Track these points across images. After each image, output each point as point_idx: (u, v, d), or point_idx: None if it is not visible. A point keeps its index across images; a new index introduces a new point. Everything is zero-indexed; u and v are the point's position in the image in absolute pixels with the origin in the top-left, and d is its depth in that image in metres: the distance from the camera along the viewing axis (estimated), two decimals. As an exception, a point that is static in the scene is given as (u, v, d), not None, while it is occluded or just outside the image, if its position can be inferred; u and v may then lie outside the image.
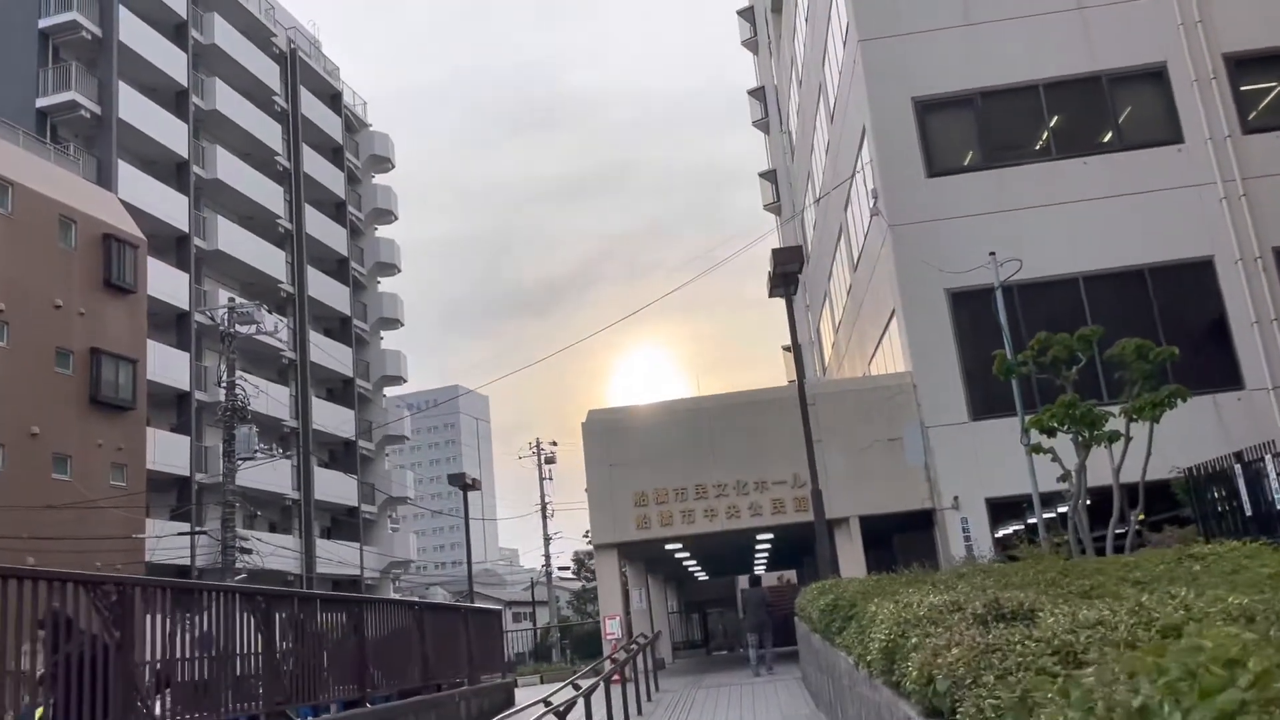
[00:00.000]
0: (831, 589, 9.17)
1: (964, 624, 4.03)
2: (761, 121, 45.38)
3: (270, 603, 7.57)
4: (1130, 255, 19.10)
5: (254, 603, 7.36)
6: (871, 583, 8.82)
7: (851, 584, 8.89)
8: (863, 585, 8.68)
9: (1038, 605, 3.95)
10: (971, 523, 18.54)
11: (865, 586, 8.55)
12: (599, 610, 19.85)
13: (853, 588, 8.49)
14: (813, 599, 9.85)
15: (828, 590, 9.26)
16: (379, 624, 9.98)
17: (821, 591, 9.41)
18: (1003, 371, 13.78)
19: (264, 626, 7.46)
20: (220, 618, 6.76)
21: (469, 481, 24.34)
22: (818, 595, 9.48)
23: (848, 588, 8.59)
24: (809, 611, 9.83)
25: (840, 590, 8.48)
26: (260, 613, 7.44)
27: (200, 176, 39.59)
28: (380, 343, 51.92)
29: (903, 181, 19.87)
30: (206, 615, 6.65)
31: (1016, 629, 3.62)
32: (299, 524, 42.27)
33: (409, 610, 10.62)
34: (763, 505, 19.11)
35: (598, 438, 19.76)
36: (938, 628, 4.25)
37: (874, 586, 8.58)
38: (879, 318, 22.01)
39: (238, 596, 7.16)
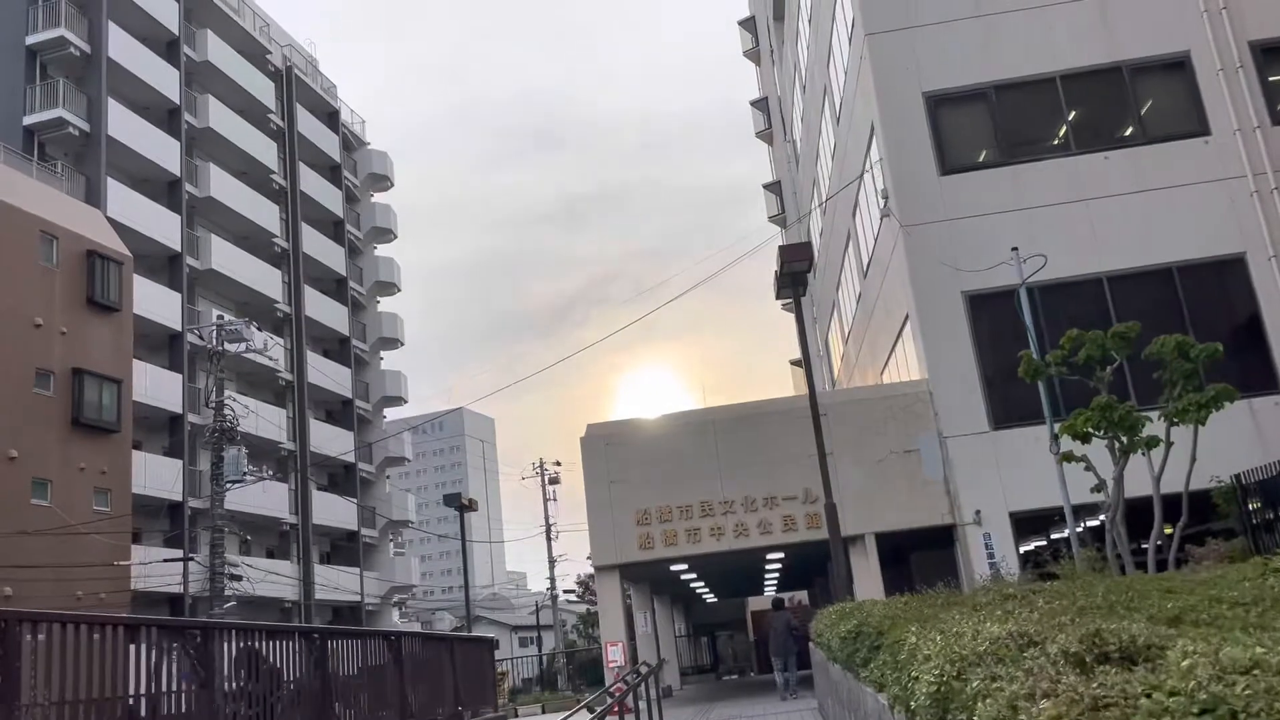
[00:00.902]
0: (853, 613, 8.12)
1: (1050, 665, 3.02)
2: (765, 133, 44.54)
3: (209, 636, 6.54)
4: (1157, 253, 18.08)
5: (185, 637, 6.35)
6: (898, 605, 7.76)
7: (876, 607, 7.84)
8: (888, 608, 7.64)
9: (1156, 640, 2.91)
10: (995, 539, 17.45)
11: (892, 610, 7.51)
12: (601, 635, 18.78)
13: (878, 611, 7.45)
14: (831, 624, 8.79)
15: (849, 614, 8.21)
16: (348, 657, 8.95)
17: (842, 616, 8.35)
18: (1030, 373, 12.77)
19: (200, 664, 6.44)
20: (136, 655, 5.76)
21: (466, 503, 23.30)
22: (837, 620, 8.43)
23: (872, 611, 7.54)
24: (827, 638, 8.78)
25: (864, 614, 7.42)
26: (195, 648, 6.43)
27: (193, 195, 38.82)
28: (380, 363, 51.02)
29: (914, 180, 18.91)
30: (114, 650, 5.63)
31: (1134, 674, 2.60)
32: (297, 549, 41.22)
33: (384, 641, 9.60)
34: (773, 523, 18.04)
35: (598, 453, 18.73)
36: (1012, 669, 3.23)
37: (901, 610, 7.54)
38: (891, 325, 21.00)
39: (153, 630, 6.13)
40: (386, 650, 9.58)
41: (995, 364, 18.10)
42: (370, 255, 51.90)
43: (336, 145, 50.03)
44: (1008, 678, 3.12)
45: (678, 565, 20.38)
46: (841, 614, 8.45)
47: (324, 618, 44.42)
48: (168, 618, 8.46)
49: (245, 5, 44.77)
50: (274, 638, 7.79)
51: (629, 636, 26.40)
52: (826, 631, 9.18)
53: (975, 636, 3.99)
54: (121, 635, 6.02)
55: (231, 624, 7.87)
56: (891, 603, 8.16)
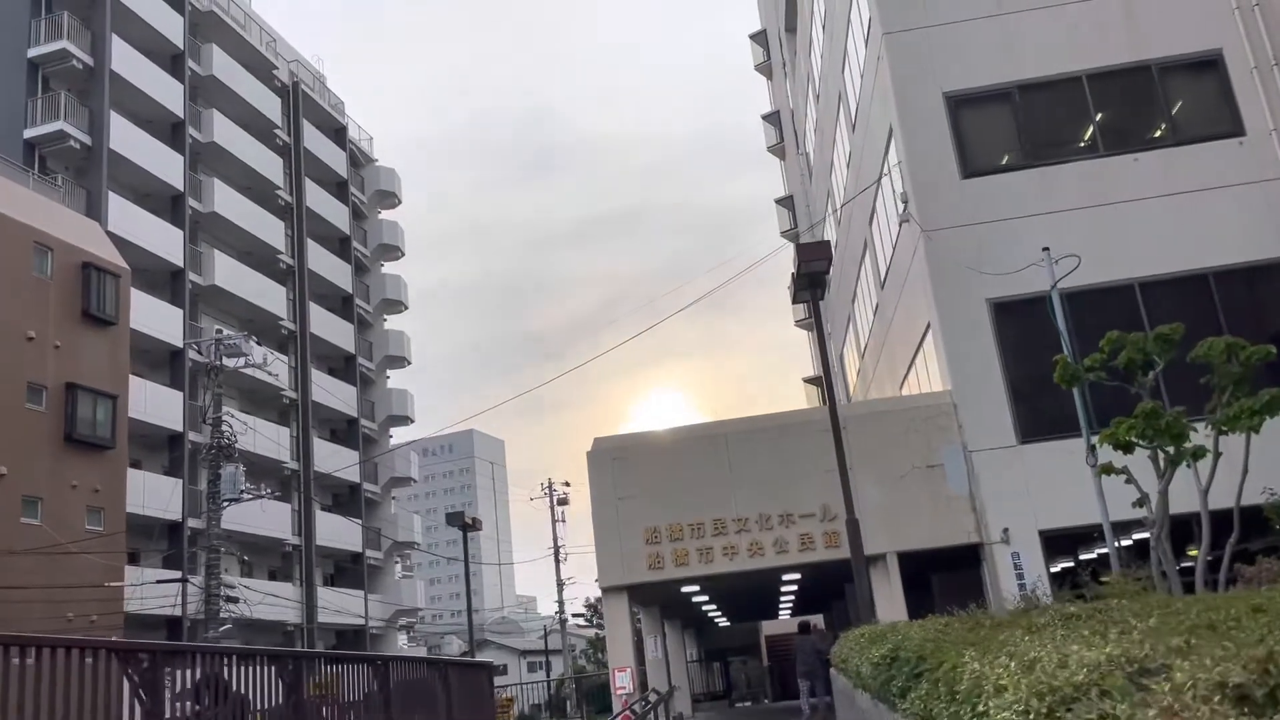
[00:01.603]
0: (886, 636, 7.25)
1: (1197, 701, 2.21)
2: (777, 147, 43.90)
3: (157, 662, 5.74)
4: (1191, 258, 17.24)
5: (130, 661, 5.54)
6: (936, 627, 6.90)
7: (912, 629, 6.98)
8: (925, 630, 6.78)
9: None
10: (1024, 558, 16.53)
11: (929, 632, 6.65)
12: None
13: (915, 634, 6.59)
14: (859, 649, 7.92)
15: (880, 638, 7.35)
16: (327, 684, 8.13)
17: (873, 639, 7.48)
18: (1065, 379, 11.91)
19: (146, 692, 5.63)
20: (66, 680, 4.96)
21: (469, 522, 22.47)
22: (868, 644, 7.56)
23: (908, 634, 6.68)
24: (855, 664, 7.91)
25: (900, 638, 6.57)
26: (141, 674, 5.62)
27: (196, 210, 38.30)
28: (386, 382, 50.33)
29: (935, 183, 18.13)
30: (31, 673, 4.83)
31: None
32: (300, 571, 40.39)
33: (368, 666, 8.78)
34: (789, 541, 17.16)
35: (605, 469, 17.90)
36: (1134, 708, 2.42)
37: (941, 631, 6.68)
38: (911, 335, 20.16)
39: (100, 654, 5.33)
40: (371, 676, 8.75)
41: (1022, 374, 17.25)
42: (377, 272, 51.33)
43: (344, 161, 49.57)
44: None
45: (689, 586, 19.49)
46: (873, 637, 7.59)
47: (327, 641, 43.53)
48: (112, 639, 7.77)
49: (252, 20, 44.45)
50: (242, 662, 6.99)
51: (638, 662, 25.46)
52: (854, 656, 8.31)
53: (1065, 663, 3.16)
54: (55, 658, 5.24)
55: (188, 647, 7.07)
56: (927, 624, 7.30)
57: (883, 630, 7.81)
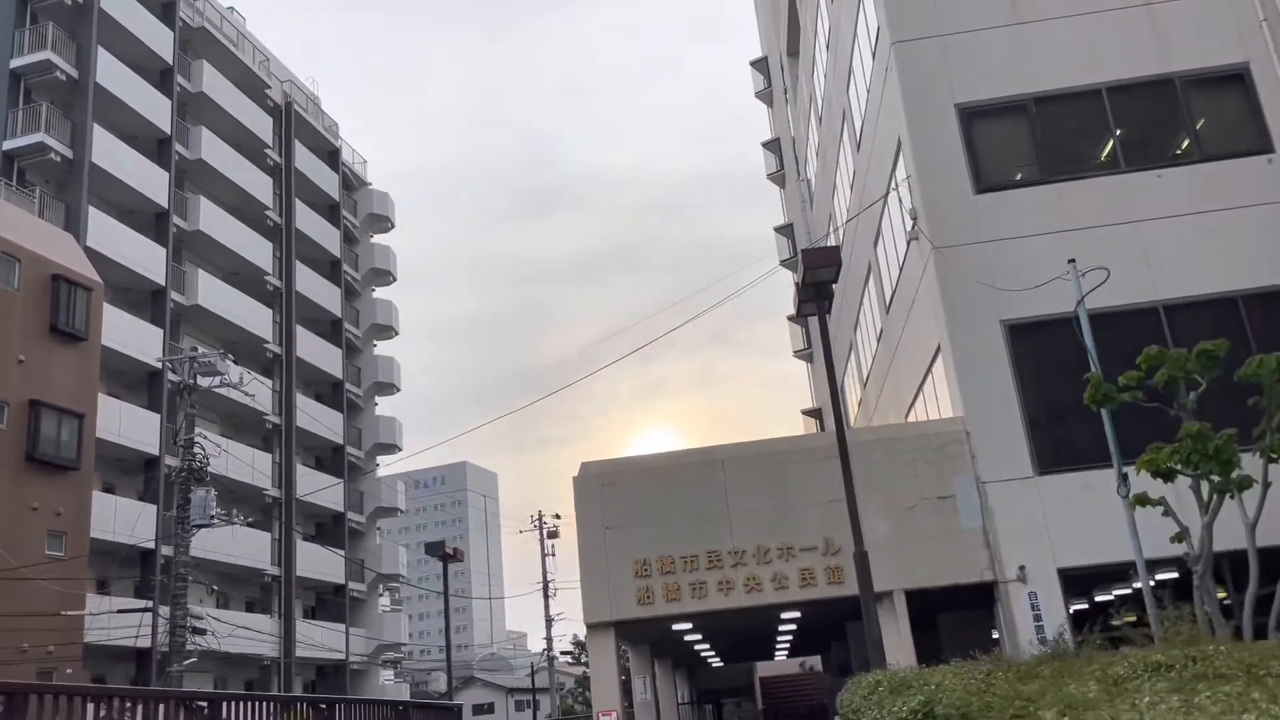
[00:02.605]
0: (912, 686, 6.10)
1: None
2: (777, 175, 43.11)
3: (15, 703, 4.59)
4: (1219, 281, 16.22)
5: None
6: (976, 677, 5.75)
7: (945, 678, 5.82)
8: (963, 679, 5.63)
9: None
10: (1041, 598, 15.35)
11: (969, 682, 5.51)
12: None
13: (953, 684, 5.45)
14: (877, 700, 6.74)
15: (904, 688, 6.19)
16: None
17: (894, 689, 6.31)
18: (1097, 399, 10.85)
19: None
20: None
21: (450, 552, 21.25)
22: (888, 695, 6.39)
23: (942, 684, 5.53)
24: (872, 718, 6.72)
25: (933, 689, 5.42)
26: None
27: (181, 228, 37.32)
28: (375, 409, 49.13)
29: (947, 198, 17.15)
30: None
31: None
32: (278, 603, 38.97)
33: (308, 709, 7.60)
34: (789, 576, 15.96)
35: (593, 495, 16.74)
36: None
37: (984, 682, 5.54)
38: (919, 361, 19.10)
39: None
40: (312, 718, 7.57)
41: (1039, 401, 16.17)
42: (368, 297, 50.30)
43: (336, 184, 48.71)
44: None
45: (680, 624, 18.24)
46: (894, 686, 6.42)
47: (306, 677, 42.00)
48: (25, 682, 6.98)
49: (245, 39, 43.75)
50: (141, 704, 5.83)
51: (627, 703, 24.11)
52: (869, 709, 7.13)
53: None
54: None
55: (62, 688, 5.90)
56: (962, 673, 6.14)
57: (905, 678, 6.65)
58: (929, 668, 7.29)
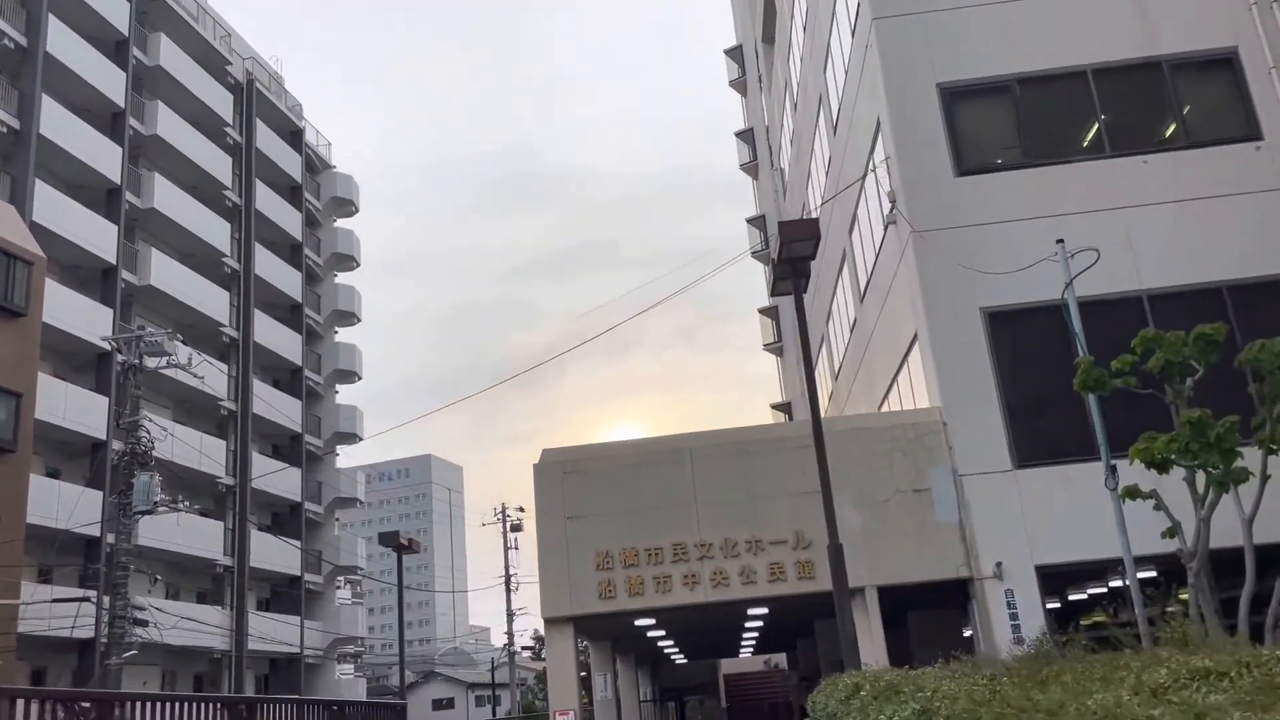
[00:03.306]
0: (901, 690, 5.38)
1: None
2: (749, 165, 42.46)
3: None
4: (1205, 270, 15.72)
5: None
6: (978, 682, 5.04)
7: (940, 683, 5.11)
8: (966, 686, 4.92)
9: None
10: (1018, 596, 14.77)
11: (972, 688, 4.80)
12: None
13: (952, 691, 4.73)
14: (861, 707, 6.03)
15: (893, 693, 5.48)
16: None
17: (881, 695, 5.61)
18: (1087, 384, 10.22)
19: None
20: None
21: (405, 543, 20.38)
22: (873, 702, 5.68)
23: (939, 690, 4.81)
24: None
25: (929, 697, 4.70)
26: None
27: (134, 205, 36.05)
28: (335, 397, 47.98)
29: (927, 181, 16.52)
30: None
31: None
32: (231, 594, 37.83)
33: (223, 709, 6.76)
34: (757, 571, 15.27)
35: (554, 483, 15.97)
36: None
37: (989, 687, 4.83)
38: (894, 350, 18.48)
39: None
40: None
41: (1019, 391, 15.59)
42: (330, 283, 49.11)
43: (299, 166, 47.47)
44: None
45: (643, 620, 17.51)
46: (880, 691, 5.70)
47: (259, 670, 40.90)
48: None
49: (205, 13, 42.44)
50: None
51: (586, 700, 23.35)
52: (849, 716, 6.41)
53: None
54: None
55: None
56: (961, 677, 5.43)
57: (893, 682, 5.93)
58: (918, 670, 6.57)
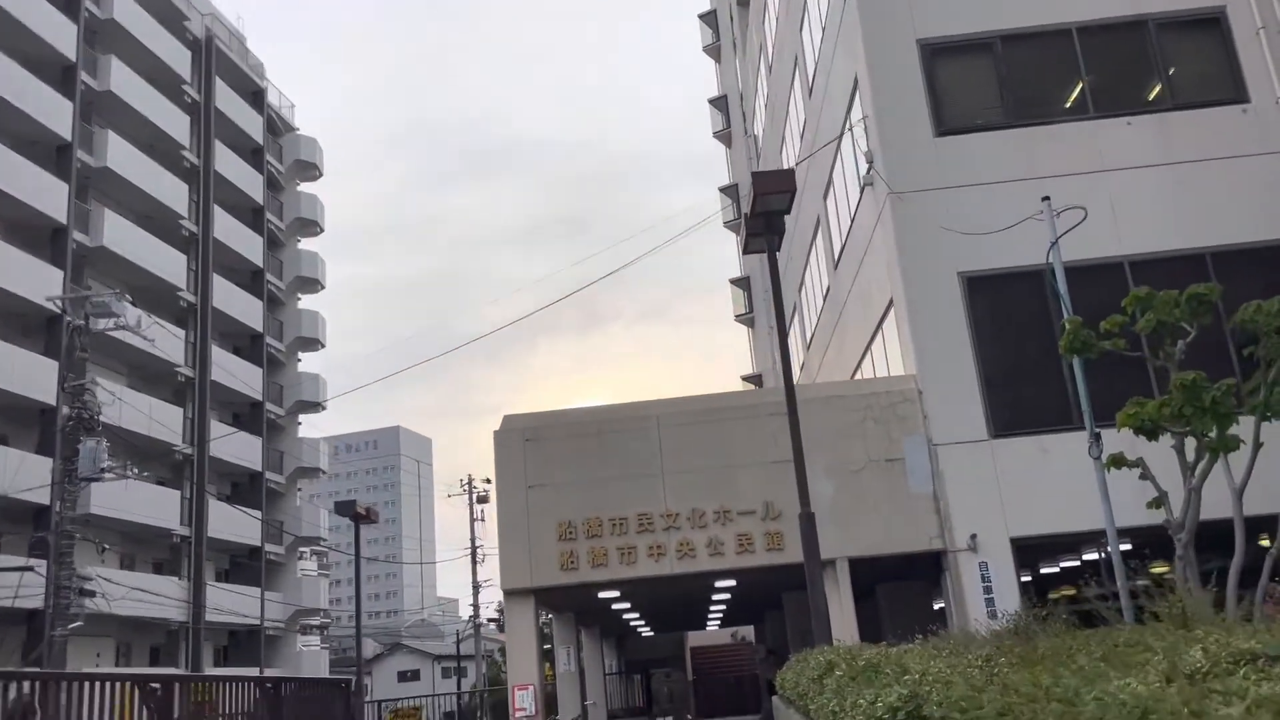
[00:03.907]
0: (882, 670, 4.82)
1: None
2: (723, 133, 41.72)
3: None
4: (1188, 236, 15.27)
5: None
6: (974, 664, 4.48)
7: (930, 663, 4.54)
8: (960, 668, 4.36)
9: None
10: (993, 569, 14.35)
11: (966, 669, 4.24)
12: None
13: (945, 673, 4.15)
14: (837, 688, 5.48)
15: (873, 672, 4.92)
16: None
17: (859, 675, 5.05)
18: (1074, 347, 9.71)
19: None
20: None
21: (362, 512, 19.71)
22: (850, 683, 5.13)
23: (927, 671, 4.24)
24: (828, 709, 5.44)
25: (917, 680, 4.12)
26: None
27: (87, 164, 34.80)
28: (297, 365, 46.98)
29: (905, 141, 15.94)
30: None
31: None
32: (189, 565, 36.98)
33: (132, 688, 6.14)
34: (725, 542, 14.74)
35: (515, 451, 15.34)
36: None
37: (983, 669, 4.28)
38: (868, 318, 17.95)
39: None
40: (138, 701, 6.12)
41: (996, 359, 15.11)
42: (292, 248, 47.97)
43: (260, 127, 46.19)
44: None
45: (607, 592, 16.97)
46: (857, 671, 5.14)
47: (218, 642, 40.15)
48: None
49: (162, -35, 40.97)
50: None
51: (548, 674, 22.85)
52: (821, 697, 5.86)
53: None
54: None
55: None
56: (956, 657, 4.87)
57: (873, 660, 5.37)
58: (898, 648, 6.01)
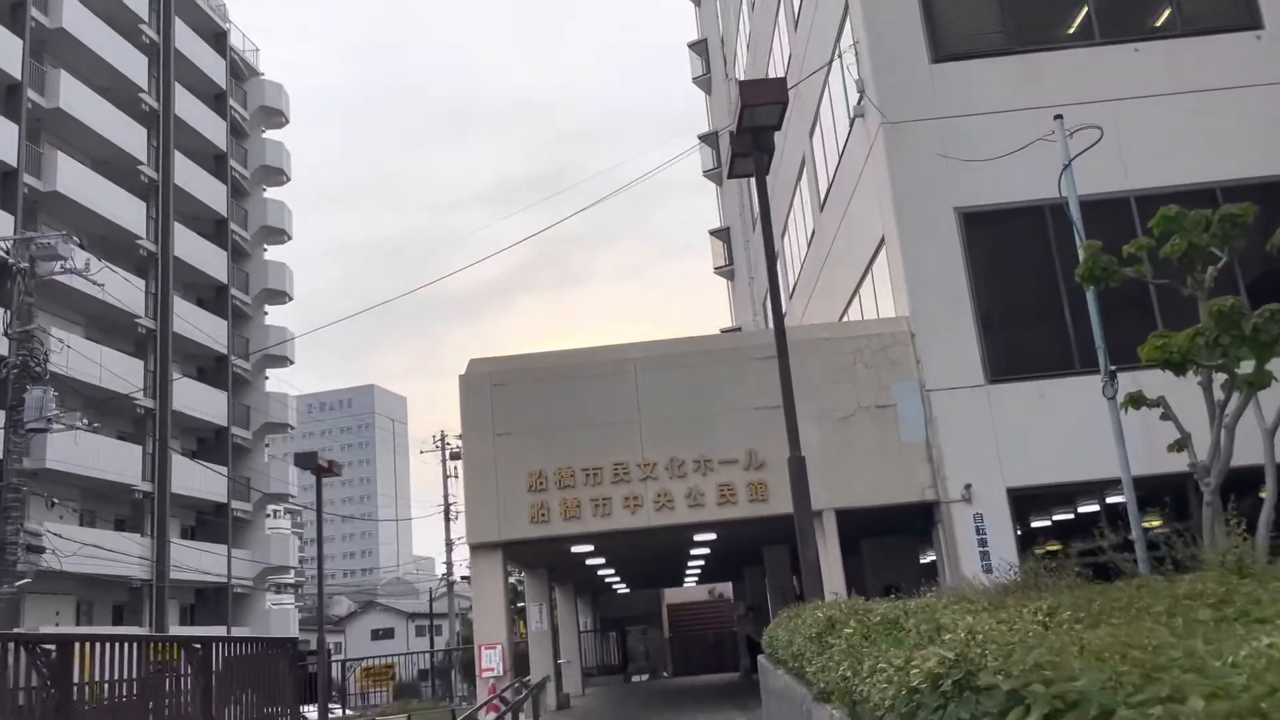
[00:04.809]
0: (907, 626, 3.92)
1: None
2: (703, 78, 40.40)
3: None
4: (1197, 170, 14.41)
5: None
6: (1037, 618, 3.58)
7: (978, 621, 3.63)
8: (1027, 625, 3.47)
9: None
10: (988, 521, 13.58)
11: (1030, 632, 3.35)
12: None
13: (994, 633, 3.25)
14: (849, 649, 4.58)
15: (892, 628, 4.03)
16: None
17: (875, 633, 4.15)
18: (1093, 274, 8.82)
19: None
20: None
21: (325, 465, 18.74)
22: (871, 646, 4.22)
23: (978, 632, 3.33)
24: (835, 674, 4.54)
25: (965, 639, 3.19)
26: None
27: (39, 104, 33.19)
28: (264, 318, 45.66)
29: (899, 67, 14.96)
30: None
31: None
32: (151, 521, 35.91)
33: (24, 653, 5.19)
34: (705, 493, 13.89)
35: (482, 396, 14.39)
36: None
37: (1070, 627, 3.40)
38: (857, 259, 17.03)
39: None
40: (24, 663, 5.17)
41: (994, 300, 14.28)
42: (258, 197, 46.42)
43: (223, 71, 44.46)
44: None
45: (581, 546, 16.12)
46: (871, 627, 4.25)
47: (184, 600, 39.21)
48: None
49: (115, -103, 39.00)
50: None
51: (516, 633, 22.09)
52: (821, 658, 4.98)
53: None
54: None
55: None
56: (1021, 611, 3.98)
57: (886, 613, 4.48)
58: (918, 600, 5.11)
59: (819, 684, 5.41)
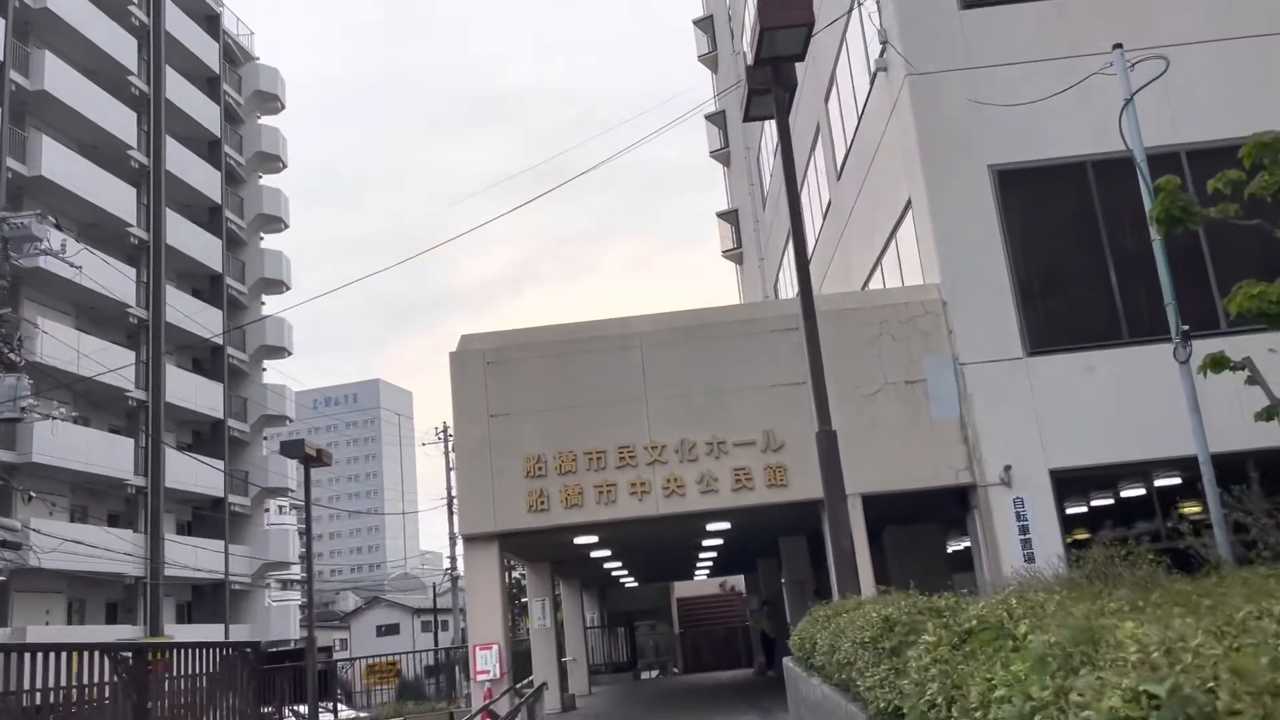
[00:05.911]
0: (1061, 639, 2.71)
1: None
2: (708, 56, 39.10)
3: None
4: (1251, 122, 13.03)
5: None
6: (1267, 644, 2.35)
7: (1183, 633, 2.38)
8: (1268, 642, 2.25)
9: None
10: (1029, 506, 12.41)
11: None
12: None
13: (1212, 652, 2.01)
14: (928, 664, 3.39)
15: (1019, 648, 2.83)
16: None
17: (986, 648, 2.93)
18: (1169, 215, 7.66)
19: None
20: None
21: (313, 453, 17.62)
22: (987, 662, 3.02)
23: (1199, 651, 2.11)
24: (918, 694, 3.38)
25: (1175, 669, 1.93)
26: None
27: (22, 86, 32.08)
28: (261, 308, 44.56)
29: (925, 13, 13.82)
30: None
31: None
32: (145, 517, 34.87)
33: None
34: (719, 477, 12.73)
35: (475, 376, 13.24)
36: None
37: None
38: (880, 225, 15.84)
39: None
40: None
41: (1033, 265, 13.10)
42: (253, 184, 45.30)
43: (216, 54, 43.31)
44: None
45: (584, 537, 14.98)
46: (970, 633, 3.08)
47: (181, 598, 38.21)
48: None
49: (102, -125, 37.85)
50: None
51: (513, 633, 20.98)
52: (898, 681, 3.82)
53: None
54: None
55: None
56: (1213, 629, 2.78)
57: (981, 615, 3.32)
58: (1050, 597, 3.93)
59: (877, 702, 4.26)
